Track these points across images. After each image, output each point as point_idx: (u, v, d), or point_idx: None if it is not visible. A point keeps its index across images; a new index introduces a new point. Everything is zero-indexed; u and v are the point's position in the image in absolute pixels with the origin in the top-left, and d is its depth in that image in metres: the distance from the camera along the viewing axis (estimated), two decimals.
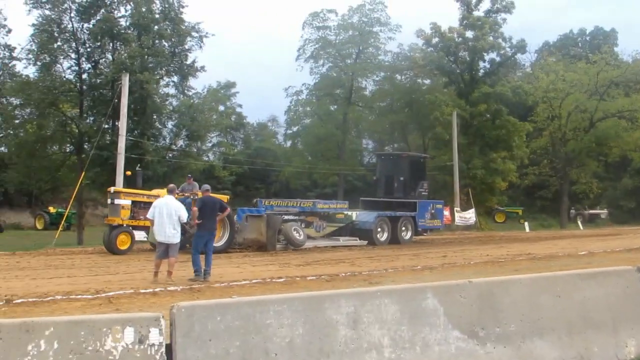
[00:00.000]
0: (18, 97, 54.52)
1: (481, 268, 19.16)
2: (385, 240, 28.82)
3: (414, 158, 34.09)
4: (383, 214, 29.38)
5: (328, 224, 28.23)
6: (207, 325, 5.64)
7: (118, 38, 52.53)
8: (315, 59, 61.06)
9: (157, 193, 23.96)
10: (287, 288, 14.15)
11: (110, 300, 12.17)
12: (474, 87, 56.32)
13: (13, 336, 5.01)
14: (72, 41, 52.88)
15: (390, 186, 31.58)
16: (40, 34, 51.18)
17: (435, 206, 32.05)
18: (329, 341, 6.06)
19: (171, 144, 57.08)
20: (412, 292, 6.74)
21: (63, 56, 53.62)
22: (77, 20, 52.34)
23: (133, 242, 23.28)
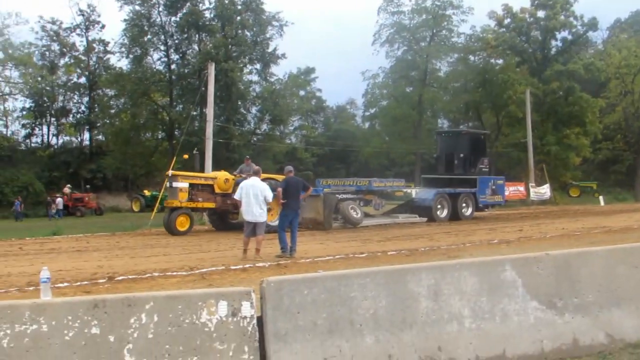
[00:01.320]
0: (113, 88, 56.06)
1: (557, 241, 18.75)
2: (445, 217, 27.97)
3: (474, 135, 33.32)
4: (442, 190, 28.58)
5: (387, 202, 27.72)
6: (295, 298, 5.68)
7: (203, 29, 53.32)
8: (391, 43, 60.80)
9: (214, 175, 24.27)
10: (369, 262, 14.12)
11: (204, 277, 12.38)
12: (547, 66, 55.48)
13: (117, 310, 5.15)
14: (161, 34, 53.96)
15: (450, 163, 30.80)
16: (132, 29, 52.38)
17: (496, 182, 31.08)
18: (411, 312, 6.03)
19: (255, 128, 57.73)
20: (491, 265, 6.65)
21: (153, 48, 54.86)
22: (165, 14, 53.37)
23: (192, 223, 23.17)
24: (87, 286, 11.28)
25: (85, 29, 59.95)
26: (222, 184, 23.57)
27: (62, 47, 59.75)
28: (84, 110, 61.17)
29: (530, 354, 6.27)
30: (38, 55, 57.72)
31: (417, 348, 5.91)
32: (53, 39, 59.43)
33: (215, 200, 23.47)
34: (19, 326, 4.85)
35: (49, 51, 59.69)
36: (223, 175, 24.10)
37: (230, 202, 23.37)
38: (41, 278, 8.87)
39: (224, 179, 23.74)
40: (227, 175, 24.17)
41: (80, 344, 4.97)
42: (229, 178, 23.88)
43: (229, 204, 23.43)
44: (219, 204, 23.54)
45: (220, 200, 23.54)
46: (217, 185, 23.58)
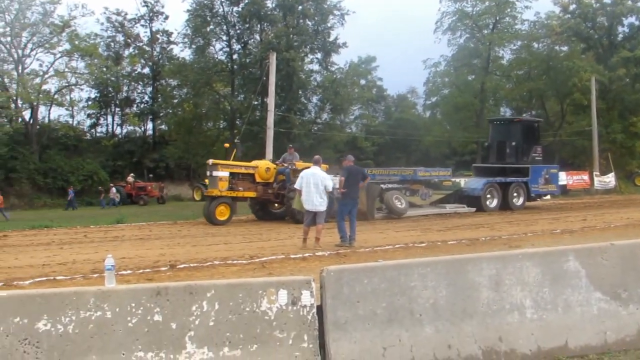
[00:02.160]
0: (176, 78, 56.78)
1: (622, 231, 18.36)
2: (495, 207, 27.34)
3: (526, 123, 32.38)
4: (492, 180, 27.89)
5: (435, 192, 27.24)
6: (355, 287, 5.69)
7: (265, 19, 53.54)
8: (453, 31, 60.31)
9: (255, 164, 23.90)
10: (428, 252, 14.07)
11: (264, 265, 12.47)
12: (613, 52, 54.33)
13: (179, 298, 5.23)
14: (223, 24, 54.40)
15: (502, 152, 30.06)
16: (195, 19, 52.96)
17: (549, 171, 30.22)
18: (471, 302, 6.00)
19: (316, 118, 57.78)
20: (554, 255, 6.55)
21: (215, 39, 55.35)
22: (227, 4, 53.77)
23: (232, 212, 22.96)
24: (149, 274, 11.48)
25: (149, 20, 60.83)
26: (263, 173, 23.45)
27: (126, 38, 60.76)
28: (147, 100, 62.12)
29: (593, 345, 6.18)
30: (103, 46, 58.74)
31: (477, 338, 5.87)
32: (118, 30, 60.46)
33: (256, 190, 23.37)
34: (83, 312, 4.97)
35: (113, 42, 60.76)
36: (264, 165, 24.00)
37: (271, 192, 23.43)
38: (106, 265, 9.04)
39: (265, 168, 23.61)
40: (269, 164, 24.08)
41: (143, 331, 5.07)
42: (271, 167, 23.80)
43: (270, 193, 23.44)
44: (260, 193, 23.44)
45: (262, 189, 23.46)
46: (258, 174, 23.42)
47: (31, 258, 14.08)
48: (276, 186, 23.49)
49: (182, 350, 5.14)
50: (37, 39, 53.48)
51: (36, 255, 14.58)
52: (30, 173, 49.59)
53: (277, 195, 23.42)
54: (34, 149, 51.29)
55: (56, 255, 14.46)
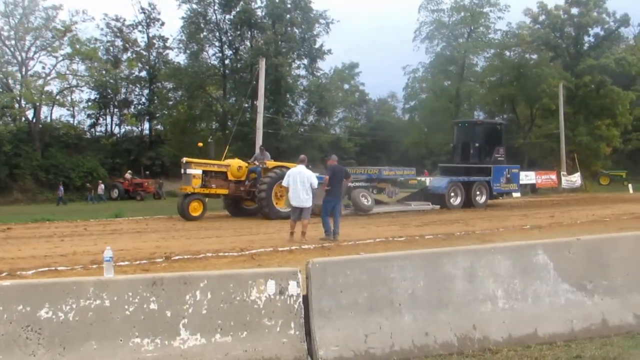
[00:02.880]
0: (171, 81, 56.76)
1: (587, 227, 18.45)
2: (459, 204, 27.03)
3: (489, 125, 32.31)
4: (456, 179, 27.61)
5: (401, 190, 26.98)
6: (338, 278, 5.70)
7: (255, 27, 53.58)
8: (430, 39, 60.68)
9: (227, 163, 23.61)
10: (407, 246, 14.08)
11: (253, 257, 12.46)
12: (579, 60, 54.94)
13: (173, 287, 5.22)
14: (216, 31, 54.38)
15: (466, 152, 29.87)
16: (189, 26, 52.90)
17: (511, 171, 29.74)
18: (447, 293, 6.03)
19: (302, 120, 57.90)
20: (524, 249, 6.59)
21: (208, 44, 55.37)
22: (220, 12, 53.76)
23: (205, 209, 22.60)
24: (145, 265, 11.44)
25: (146, 26, 60.66)
26: (235, 171, 23.17)
27: (124, 43, 60.56)
28: (144, 102, 61.97)
29: (561, 333, 6.22)
30: (103, 50, 58.50)
31: (452, 326, 5.90)
32: (117, 35, 60.25)
33: (229, 187, 23.09)
34: (83, 301, 4.95)
35: (112, 46, 60.54)
36: (236, 163, 23.61)
37: (243, 189, 23.20)
38: (104, 257, 9.01)
39: (237, 167, 23.30)
40: (241, 163, 23.74)
41: (139, 319, 5.06)
42: (242, 166, 23.50)
43: (242, 191, 23.21)
44: (232, 191, 23.19)
45: (234, 187, 23.19)
46: (230, 172, 23.12)
47: (34, 249, 13.99)
48: (248, 184, 23.28)
49: (176, 337, 5.14)
50: (40, 43, 53.22)
51: (38, 247, 14.49)
52: (33, 169, 49.36)
53: (249, 192, 23.18)
54: (36, 146, 51.03)
55: (57, 247, 14.38)
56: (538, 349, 5.91)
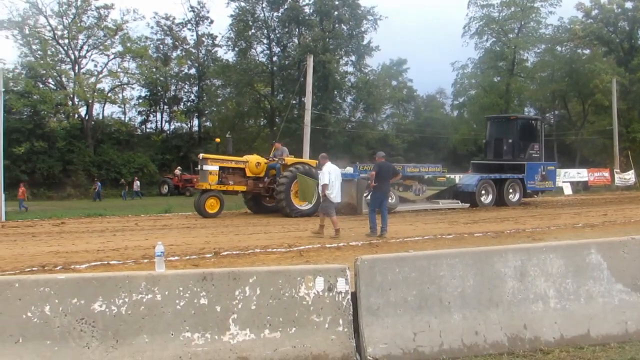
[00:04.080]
0: (220, 78, 57.25)
1: None
2: (490, 203, 26.17)
3: (524, 120, 31.09)
4: (487, 176, 26.62)
5: (429, 188, 26.04)
6: (387, 276, 5.68)
7: (303, 24, 53.71)
8: (480, 35, 60.01)
9: (245, 159, 23.12)
10: (456, 243, 13.99)
11: (301, 253, 12.49)
12: (633, 55, 53.87)
13: (223, 283, 5.26)
14: (264, 28, 54.66)
15: (499, 148, 28.67)
16: (238, 24, 53.30)
17: (546, 168, 28.66)
18: (497, 292, 5.96)
19: (350, 116, 57.86)
20: (577, 248, 6.47)
21: (256, 42, 55.74)
22: (268, 10, 54.02)
23: (222, 205, 22.03)
24: (195, 260, 11.57)
25: (195, 24, 61.19)
26: (253, 167, 22.65)
27: (174, 41, 61.20)
28: (193, 99, 62.56)
29: (614, 334, 6.09)
30: (153, 48, 59.22)
31: (503, 326, 5.84)
32: (166, 34, 60.92)
33: (247, 184, 22.56)
34: (135, 295, 5.02)
35: (162, 44, 61.24)
36: (255, 159, 23.09)
37: (262, 186, 22.76)
38: (156, 252, 9.13)
39: (256, 163, 22.80)
40: (259, 159, 23.22)
41: (190, 313, 5.11)
42: (261, 162, 23.00)
43: (260, 188, 22.76)
44: (251, 187, 22.65)
45: (252, 183, 22.68)
46: (248, 168, 22.57)
47: (87, 244, 14.26)
48: (267, 180, 22.77)
49: (226, 332, 5.18)
50: (92, 41, 54.23)
51: (91, 241, 14.77)
52: (86, 165, 50.35)
53: (268, 189, 22.69)
54: (89, 143, 52.00)
55: (110, 242, 14.63)
56: (591, 350, 5.81)
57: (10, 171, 39.82)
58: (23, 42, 51.95)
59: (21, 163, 47.24)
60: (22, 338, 4.79)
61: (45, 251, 12.92)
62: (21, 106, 48.72)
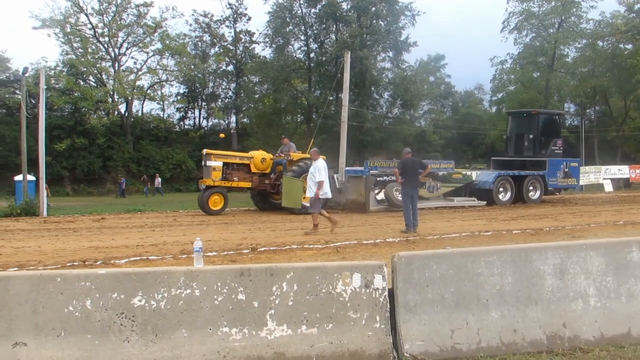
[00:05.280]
0: (257, 75, 57.52)
1: None
2: (508, 200, 25.19)
3: (546, 115, 29.52)
4: (504, 173, 25.73)
5: (443, 185, 25.25)
6: (424, 272, 5.66)
7: (340, 20, 53.65)
8: (519, 30, 59.47)
9: (250, 155, 22.68)
10: (494, 240, 13.87)
11: (337, 250, 12.48)
12: None
13: (260, 279, 5.29)
14: (302, 25, 54.75)
15: (520, 144, 27.84)
16: (275, 20, 53.46)
17: (569, 164, 27.47)
18: (536, 289, 5.90)
19: (387, 112, 57.70)
20: (618, 246, 6.37)
21: (294, 38, 55.82)
22: (305, 6, 54.08)
23: (226, 203, 21.63)
24: (232, 255, 11.63)
25: (233, 21, 61.71)
26: (258, 163, 22.27)
27: (212, 38, 61.78)
28: (231, 96, 63.08)
29: None
30: (191, 46, 59.90)
31: (541, 324, 5.78)
32: (205, 31, 61.50)
33: (252, 180, 22.17)
34: (174, 290, 5.08)
35: (201, 42, 61.90)
36: (260, 155, 22.68)
37: (268, 182, 22.39)
38: (195, 247, 9.21)
39: (261, 159, 22.40)
40: (265, 155, 22.77)
41: (227, 308, 5.15)
42: (266, 157, 22.56)
43: (266, 184, 22.40)
44: (256, 184, 22.28)
45: (257, 179, 22.29)
46: (253, 164, 22.21)
47: (126, 239, 14.45)
48: (273, 177, 22.45)
49: (263, 327, 5.20)
50: (131, 39, 55.06)
51: (130, 237, 14.96)
52: (125, 161, 51.08)
53: (274, 185, 22.31)
54: (128, 139, 52.75)
55: (148, 237, 14.81)
56: (632, 349, 5.72)
57: (52, 167, 40.60)
58: (64, 40, 52.94)
59: (62, 159, 48.13)
60: (64, 332, 4.87)
61: (85, 246, 13.13)
62: (62, 103, 49.64)
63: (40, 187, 23.50)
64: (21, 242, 14.11)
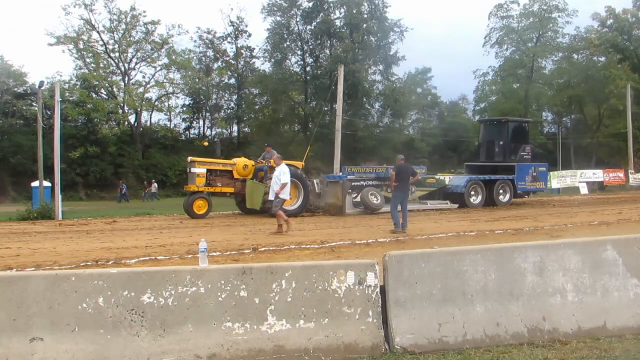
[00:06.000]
0: (257, 87, 57.69)
1: None
2: (479, 203, 24.89)
3: (515, 123, 29.08)
4: (475, 177, 25.43)
5: (417, 189, 24.52)
6: (413, 270, 5.66)
7: (334, 36, 53.87)
8: (500, 44, 59.97)
9: (233, 161, 22.45)
10: (478, 240, 13.87)
11: (333, 249, 12.48)
12: None
13: (261, 277, 5.29)
14: (298, 41, 54.95)
15: (491, 150, 27.36)
16: (273, 37, 53.65)
17: (537, 169, 27.05)
18: (517, 286, 5.90)
19: (378, 122, 57.85)
20: (593, 245, 6.39)
21: (291, 53, 56.04)
22: (302, 23, 54.32)
23: (210, 207, 21.34)
24: (235, 255, 11.62)
25: (234, 38, 61.70)
26: (241, 169, 21.92)
27: (215, 53, 61.73)
28: (233, 107, 63.04)
29: (630, 326, 6.01)
30: (196, 60, 59.85)
31: (522, 317, 5.79)
32: (208, 46, 61.49)
33: (235, 185, 21.79)
34: (181, 288, 5.07)
35: (204, 56, 61.82)
36: (242, 162, 22.38)
37: None
38: (200, 248, 9.20)
39: (243, 165, 22.07)
40: (246, 162, 22.43)
41: (231, 304, 5.15)
42: (248, 164, 22.20)
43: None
44: (238, 189, 21.82)
45: (240, 185, 21.82)
46: (236, 171, 21.86)
47: (136, 240, 14.42)
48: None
49: (264, 322, 5.20)
50: (140, 54, 55.10)
51: (140, 238, 14.93)
52: (135, 168, 51.08)
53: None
54: (138, 147, 52.74)
55: (156, 238, 14.77)
56: (607, 341, 5.72)
57: (66, 174, 40.56)
58: (78, 55, 52.99)
59: (76, 166, 48.12)
60: (78, 327, 4.86)
61: (98, 247, 13.10)
62: (76, 114, 49.64)
63: (55, 193, 23.45)
64: (38, 243, 14.08)
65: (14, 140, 47.28)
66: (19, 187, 43.50)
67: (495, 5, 59.35)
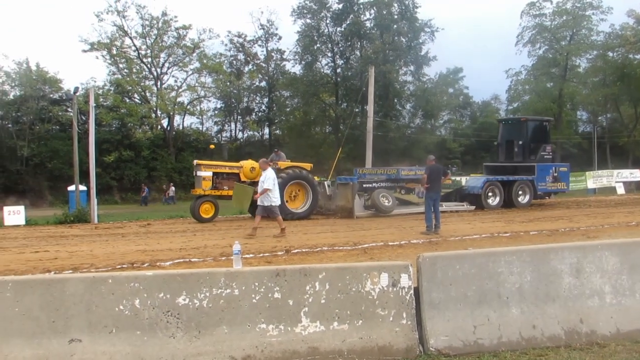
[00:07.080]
0: (288, 90, 57.84)
1: None
2: (497, 205, 24.38)
3: (535, 122, 28.34)
4: (493, 178, 24.90)
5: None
6: (447, 272, 5.64)
7: (364, 37, 53.79)
8: (533, 43, 59.14)
9: (240, 164, 22.23)
10: (512, 241, 13.73)
11: (365, 251, 12.47)
12: None
13: (295, 279, 5.31)
14: (328, 42, 54.96)
15: (510, 150, 26.93)
16: (304, 39, 53.77)
17: (558, 169, 26.37)
18: (554, 287, 5.84)
19: (409, 122, 57.62)
20: (631, 246, 6.29)
21: (321, 55, 56.06)
22: (332, 25, 54.32)
23: (217, 211, 21.13)
24: (268, 257, 11.66)
25: (265, 41, 61.90)
26: (248, 172, 21.70)
27: (246, 57, 62.03)
28: (264, 109, 63.26)
29: None
30: (227, 64, 60.19)
31: (559, 320, 5.72)
32: (239, 50, 61.80)
33: None
34: (216, 290, 5.11)
35: (235, 60, 62.14)
36: (249, 164, 22.13)
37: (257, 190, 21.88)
38: (234, 250, 9.26)
39: (250, 168, 21.80)
40: (254, 164, 21.88)
41: (265, 306, 5.17)
42: (256, 167, 21.58)
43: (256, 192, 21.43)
44: None
45: None
46: (243, 173, 21.67)
47: (170, 243, 14.57)
48: None
49: (298, 324, 5.22)
50: (172, 59, 55.55)
51: (174, 241, 15.07)
52: (168, 171, 51.55)
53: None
54: (170, 151, 53.21)
55: (190, 241, 14.91)
56: None
57: (101, 178, 41.09)
58: (111, 61, 53.68)
59: (111, 170, 48.76)
60: (115, 329, 4.93)
61: (133, 250, 13.26)
62: (110, 119, 50.28)
63: (91, 196, 23.79)
64: (75, 246, 14.30)
65: (50, 145, 48.06)
66: (56, 191, 44.25)
67: (527, 3, 58.58)
